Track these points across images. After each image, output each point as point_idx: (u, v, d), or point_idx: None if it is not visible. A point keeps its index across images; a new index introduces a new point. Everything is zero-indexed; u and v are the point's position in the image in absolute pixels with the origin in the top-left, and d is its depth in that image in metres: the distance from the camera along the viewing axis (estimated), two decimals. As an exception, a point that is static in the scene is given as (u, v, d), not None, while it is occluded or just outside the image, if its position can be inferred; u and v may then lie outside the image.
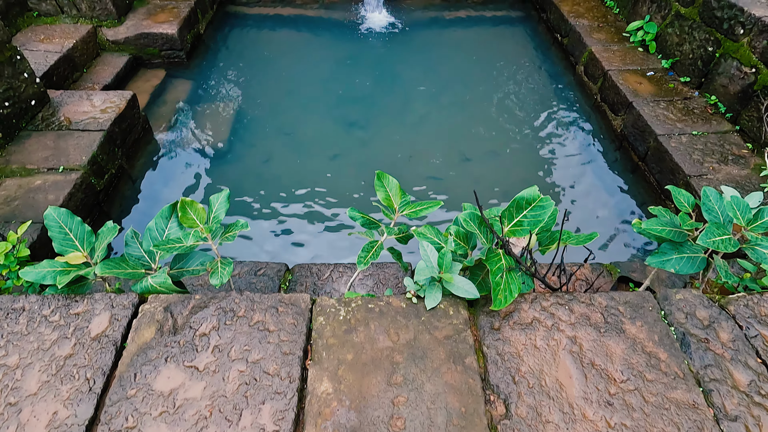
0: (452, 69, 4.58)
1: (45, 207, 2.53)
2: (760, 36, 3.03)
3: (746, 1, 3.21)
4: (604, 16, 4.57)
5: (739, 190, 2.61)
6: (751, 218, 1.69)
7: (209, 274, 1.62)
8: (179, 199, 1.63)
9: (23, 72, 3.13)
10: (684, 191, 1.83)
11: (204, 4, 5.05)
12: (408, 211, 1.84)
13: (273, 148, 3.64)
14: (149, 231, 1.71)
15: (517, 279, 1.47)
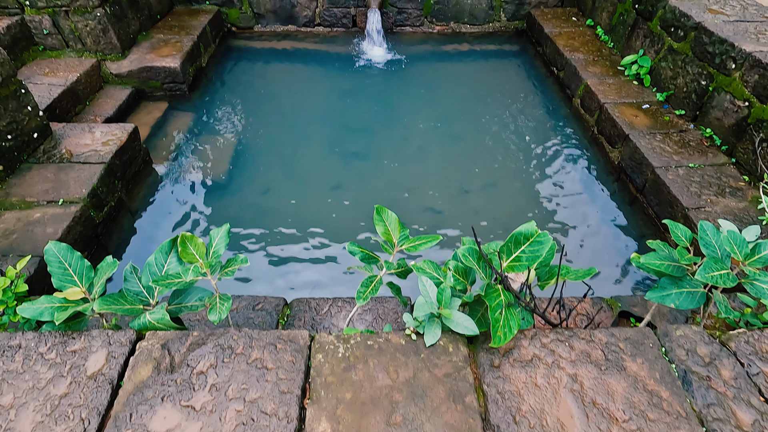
0: (451, 101, 4.71)
1: (43, 240, 2.57)
2: (752, 70, 3.14)
3: (737, 37, 3.35)
4: (599, 50, 4.74)
5: (737, 223, 2.66)
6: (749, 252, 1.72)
7: (208, 310, 1.64)
8: (179, 234, 1.67)
9: (27, 105, 3.22)
10: (681, 225, 1.87)
11: (206, 38, 5.24)
12: (407, 245, 1.87)
13: (272, 179, 3.71)
14: (149, 266, 1.73)
15: (516, 315, 1.49)
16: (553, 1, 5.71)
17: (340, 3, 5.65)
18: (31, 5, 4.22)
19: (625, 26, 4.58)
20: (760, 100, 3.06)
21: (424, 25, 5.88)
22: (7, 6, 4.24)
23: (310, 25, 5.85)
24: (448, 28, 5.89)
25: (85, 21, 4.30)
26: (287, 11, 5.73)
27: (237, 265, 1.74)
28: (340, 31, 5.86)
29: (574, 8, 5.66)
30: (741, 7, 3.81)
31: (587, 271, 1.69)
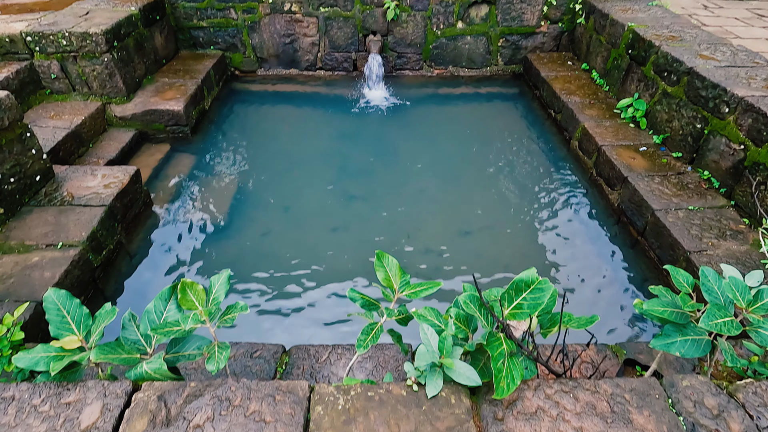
0: (450, 143, 4.84)
1: (40, 285, 2.59)
2: (745, 114, 3.25)
3: (728, 82, 3.49)
4: (595, 93, 4.91)
5: (739, 267, 2.68)
6: (751, 299, 1.74)
7: (206, 359, 1.64)
8: (180, 281, 1.69)
9: (31, 149, 3.31)
10: (682, 271, 1.89)
11: (210, 82, 5.43)
12: (408, 291, 1.89)
13: (273, 221, 3.76)
14: (147, 313, 1.75)
15: (519, 365, 1.49)
16: (549, 46, 5.96)
17: (341, 48, 5.90)
18: (41, 51, 4.41)
19: (620, 70, 4.76)
20: (755, 143, 3.15)
21: (423, 69, 6.11)
22: (17, 52, 4.43)
23: (312, 68, 6.09)
24: (447, 71, 6.12)
25: (93, 66, 4.48)
26: (290, 55, 5.97)
27: (236, 313, 1.75)
28: (341, 74, 6.08)
29: (569, 53, 5.91)
30: (731, 53, 3.98)
31: (589, 319, 1.70)
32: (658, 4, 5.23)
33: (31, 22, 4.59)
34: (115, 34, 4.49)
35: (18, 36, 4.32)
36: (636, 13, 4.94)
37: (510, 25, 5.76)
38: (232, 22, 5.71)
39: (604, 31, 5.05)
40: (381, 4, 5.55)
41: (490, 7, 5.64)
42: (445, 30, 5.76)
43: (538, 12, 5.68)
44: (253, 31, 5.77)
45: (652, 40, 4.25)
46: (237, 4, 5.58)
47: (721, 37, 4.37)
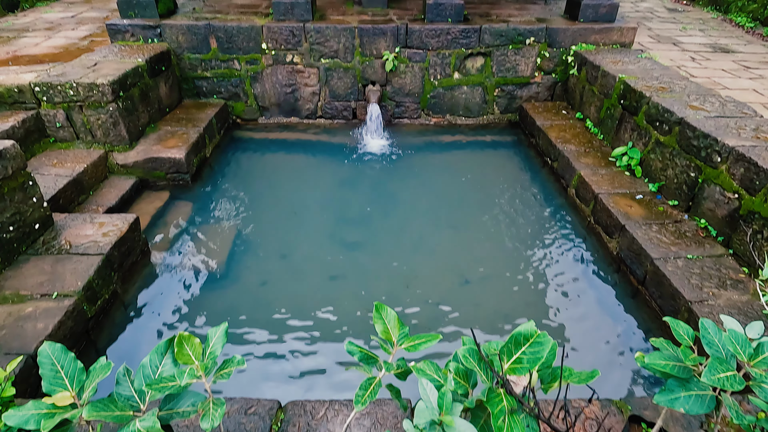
0: (448, 191, 4.94)
1: (33, 336, 2.58)
2: (737, 164, 3.36)
3: (719, 132, 3.62)
4: (590, 142, 5.08)
5: (741, 318, 2.70)
6: (752, 353, 1.74)
7: (200, 417, 1.62)
8: (177, 334, 1.70)
9: (33, 197, 3.38)
10: (682, 323, 1.91)
11: (212, 130, 5.61)
12: (407, 344, 1.89)
13: (270, 270, 3.78)
14: (143, 368, 1.74)
15: (520, 422, 1.48)
16: (543, 96, 6.21)
17: (341, 97, 6.14)
18: (48, 101, 4.58)
19: (613, 119, 4.95)
20: (749, 192, 3.24)
21: (421, 118, 6.33)
22: (25, 101, 4.60)
23: (312, 117, 6.30)
24: (445, 120, 6.34)
25: (98, 115, 4.64)
26: (291, 104, 6.20)
27: (233, 367, 1.75)
28: (341, 122, 6.29)
29: (563, 102, 6.14)
30: (720, 104, 4.15)
31: (590, 373, 1.70)
32: (647, 56, 5.49)
33: (41, 73, 4.79)
34: (121, 84, 4.68)
35: (27, 86, 4.50)
36: (626, 65, 5.18)
37: (505, 75, 6.02)
38: (235, 72, 5.96)
39: (596, 82, 5.28)
40: (380, 56, 5.82)
41: (485, 59, 5.91)
42: (442, 80, 6.02)
43: (531, 63, 5.95)
44: (256, 81, 6.02)
45: (642, 91, 4.44)
46: (241, 56, 5.85)
47: (710, 88, 4.57)
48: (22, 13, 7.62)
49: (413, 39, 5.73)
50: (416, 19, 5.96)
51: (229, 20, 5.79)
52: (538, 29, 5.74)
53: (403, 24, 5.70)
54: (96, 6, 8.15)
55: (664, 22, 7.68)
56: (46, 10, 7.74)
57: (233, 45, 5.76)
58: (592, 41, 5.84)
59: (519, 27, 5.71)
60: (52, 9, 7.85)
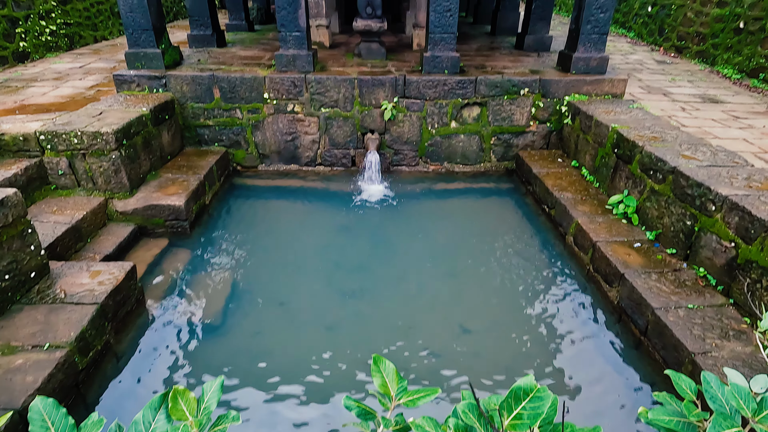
0: (447, 239, 5.00)
1: (21, 390, 2.54)
2: (731, 213, 3.43)
3: (712, 181, 3.71)
4: (586, 189, 5.19)
5: (746, 370, 2.68)
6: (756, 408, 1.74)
7: (192, 477, 1.59)
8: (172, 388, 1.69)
9: (31, 245, 3.42)
10: (684, 376, 1.90)
11: (212, 177, 5.73)
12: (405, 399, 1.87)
13: (267, 319, 3.77)
14: (135, 424, 1.71)
15: (521, 483, 1.45)
16: (539, 144, 6.39)
17: (340, 145, 6.31)
18: (51, 149, 4.71)
19: (608, 168, 5.08)
20: (745, 241, 3.30)
21: (419, 165, 6.49)
22: (29, 149, 4.72)
23: (312, 164, 6.45)
24: (442, 167, 6.49)
25: (100, 162, 4.75)
26: (291, 152, 6.36)
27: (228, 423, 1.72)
28: (340, 170, 6.44)
29: (558, 150, 6.32)
30: (711, 153, 4.28)
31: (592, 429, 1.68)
32: (638, 107, 5.71)
33: (47, 122, 4.94)
34: (125, 133, 4.83)
35: (32, 135, 4.64)
36: (618, 115, 5.38)
37: (501, 124, 6.23)
38: (237, 121, 6.16)
39: (590, 131, 5.46)
40: (379, 105, 6.04)
41: (481, 109, 6.14)
42: (439, 129, 6.21)
43: (526, 113, 6.18)
44: (257, 130, 6.21)
45: (635, 141, 4.58)
46: (243, 105, 6.07)
47: (701, 138, 4.72)
48: (32, 63, 7.94)
49: (411, 89, 5.97)
50: (414, 70, 6.23)
51: (232, 71, 6.04)
52: (532, 80, 5.99)
53: (401, 75, 5.95)
54: (104, 57, 8.51)
55: (654, 74, 8.02)
56: (56, 61, 8.07)
57: (236, 95, 5.99)
58: (584, 92, 6.09)
59: (513, 78, 5.97)
60: (61, 60, 8.19)
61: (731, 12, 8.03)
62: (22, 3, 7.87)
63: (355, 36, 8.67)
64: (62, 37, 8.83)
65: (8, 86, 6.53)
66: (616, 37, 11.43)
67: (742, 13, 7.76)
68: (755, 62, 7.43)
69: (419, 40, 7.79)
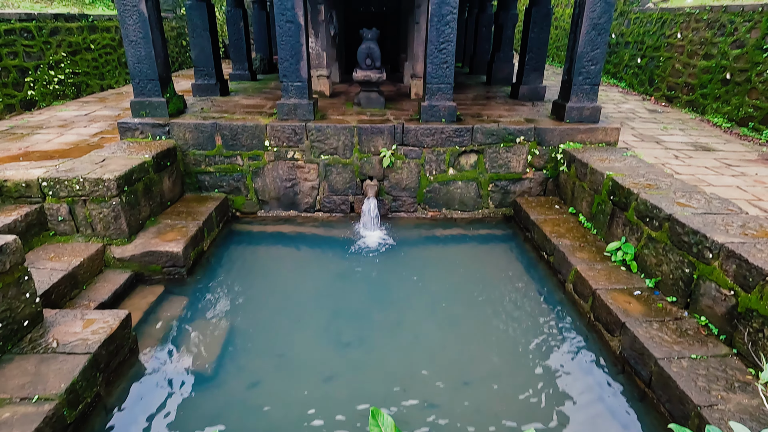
0: (446, 286, 4.99)
1: (7, 446, 2.47)
2: (728, 260, 3.46)
3: (707, 228, 3.76)
4: (584, 236, 5.23)
5: (753, 424, 2.62)
6: (764, 467, 1.71)
7: None
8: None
9: (26, 292, 3.40)
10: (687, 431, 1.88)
11: (211, 223, 5.78)
12: (403, 458, 1.84)
13: (263, 370, 3.70)
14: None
15: None
16: (536, 191, 6.50)
17: (339, 191, 6.41)
18: (53, 195, 4.77)
19: (605, 215, 5.15)
20: (744, 289, 3.30)
21: (417, 211, 6.56)
22: (30, 196, 4.79)
23: (311, 210, 6.53)
24: (441, 214, 6.57)
25: (100, 209, 4.81)
26: (290, 198, 6.45)
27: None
28: (339, 216, 6.50)
29: (555, 197, 6.42)
30: (705, 201, 4.35)
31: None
32: (632, 154, 5.85)
33: (50, 169, 5.03)
34: (126, 179, 4.91)
35: (34, 181, 4.71)
36: (613, 163, 5.50)
37: (498, 171, 6.36)
38: (237, 167, 6.28)
39: (585, 178, 5.58)
40: (378, 152, 6.19)
41: (478, 156, 6.28)
42: (437, 176, 6.34)
43: (523, 160, 6.32)
44: (257, 176, 6.32)
45: (630, 188, 4.67)
46: (244, 152, 6.21)
47: (694, 185, 4.82)
48: (38, 111, 8.18)
49: (409, 137, 6.14)
50: (412, 119, 6.43)
51: (235, 119, 6.23)
52: (527, 129, 6.17)
53: (400, 123, 6.14)
54: (109, 105, 8.77)
55: (646, 122, 8.27)
56: (62, 109, 8.32)
57: (237, 142, 6.14)
58: (578, 140, 6.26)
59: (509, 127, 6.15)
60: (67, 107, 8.44)
61: (717, 64, 8.39)
62: (32, 53, 8.20)
63: (355, 85, 8.98)
64: (69, 85, 9.14)
65: (14, 133, 6.69)
66: (608, 87, 11.86)
67: (728, 65, 8.11)
68: (744, 111, 7.69)
69: (417, 89, 8.08)
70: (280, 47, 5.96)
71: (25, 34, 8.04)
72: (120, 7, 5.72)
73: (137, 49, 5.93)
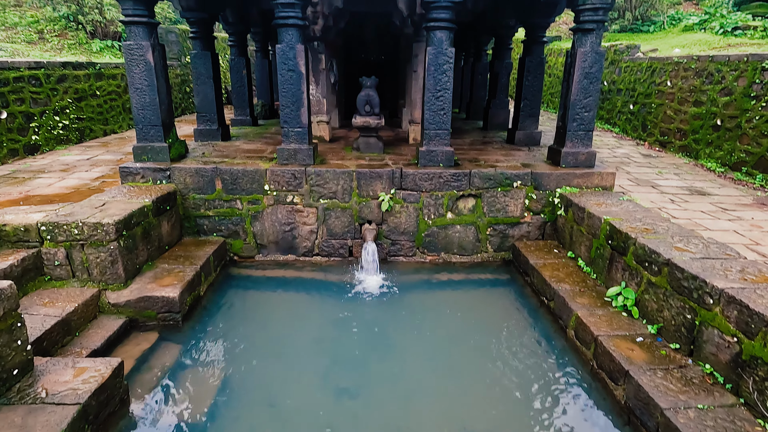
0: (446, 333, 4.93)
1: (-12, 504, 2.37)
2: (729, 306, 3.45)
3: (706, 273, 3.76)
4: (584, 281, 5.23)
5: (766, 480, 2.54)
6: None
7: None
8: None
9: (18, 340, 3.36)
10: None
11: (209, 268, 5.77)
12: None
13: (258, 422, 3.60)
14: None
15: None
16: (534, 235, 6.54)
17: (338, 235, 6.44)
18: (51, 239, 4.78)
19: (603, 259, 5.17)
20: (747, 335, 3.28)
21: (416, 256, 6.58)
22: (28, 240, 4.80)
23: (309, 254, 6.54)
24: (439, 258, 6.58)
25: (98, 253, 4.81)
26: (288, 242, 6.47)
27: None
28: (337, 260, 6.51)
29: (554, 241, 6.45)
30: (703, 245, 4.38)
31: None
32: (628, 199, 5.94)
33: (49, 213, 5.07)
34: (125, 224, 4.94)
35: (33, 226, 4.74)
36: (610, 207, 5.57)
37: (496, 215, 6.42)
38: (237, 211, 6.35)
39: (583, 222, 5.63)
40: (376, 196, 6.27)
41: (476, 200, 6.37)
42: (436, 220, 6.39)
43: (520, 204, 6.40)
44: (256, 220, 6.37)
45: (628, 233, 4.71)
46: (243, 197, 6.29)
47: (691, 230, 4.86)
48: (41, 155, 8.33)
49: (407, 181, 6.24)
50: (410, 163, 6.56)
51: (235, 164, 6.35)
52: (524, 174, 6.29)
53: (398, 168, 6.25)
54: (111, 149, 8.95)
55: (641, 167, 8.44)
56: (64, 153, 8.48)
57: (237, 186, 6.23)
58: (575, 185, 6.37)
59: (506, 172, 6.27)
60: (69, 152, 8.61)
61: (707, 110, 8.66)
62: (39, 100, 8.44)
63: (354, 130, 9.20)
64: (73, 130, 9.35)
65: (15, 177, 6.79)
66: (602, 132, 12.17)
67: (718, 111, 8.37)
68: (736, 156, 7.87)
69: (415, 134, 8.28)
70: (282, 94, 6.17)
71: (33, 82, 8.31)
72: (128, 56, 5.96)
73: (142, 96, 6.12)
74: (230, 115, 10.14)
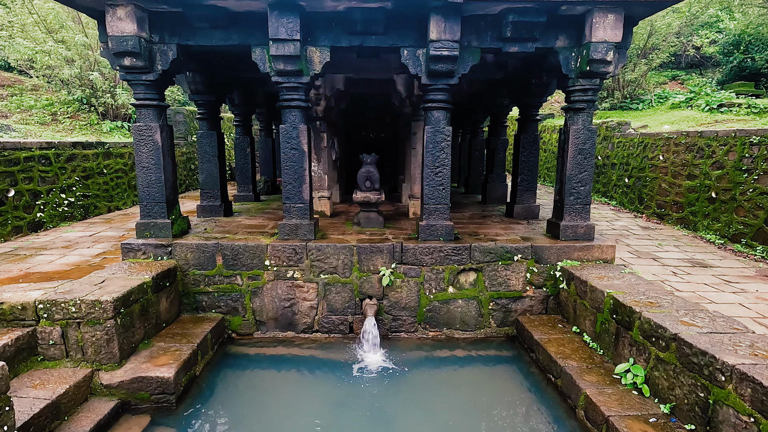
0: (450, 415, 4.77)
1: None
2: (742, 384, 3.40)
3: (715, 349, 3.74)
4: (590, 357, 5.15)
5: None
6: None
7: None
8: None
9: (4, 425, 3.28)
10: None
11: (206, 346, 5.70)
12: None
13: None
14: None
15: None
16: (537, 309, 6.52)
17: (338, 311, 6.42)
18: (48, 317, 4.78)
19: (609, 334, 5.12)
20: (764, 415, 3.20)
21: (418, 331, 6.51)
22: (24, 318, 4.80)
23: (309, 331, 6.47)
24: (442, 334, 6.51)
25: (93, 332, 4.79)
26: (288, 318, 6.44)
27: None
28: (337, 337, 6.43)
29: (558, 315, 6.42)
30: (709, 319, 4.38)
31: None
32: (630, 271, 5.99)
33: (48, 291, 5.11)
34: (124, 301, 4.96)
35: (31, 304, 4.76)
36: (612, 280, 5.62)
37: (498, 289, 6.44)
38: (236, 287, 6.38)
39: (586, 296, 5.65)
40: (377, 271, 6.33)
41: (477, 274, 6.42)
42: (437, 294, 6.41)
43: (522, 278, 6.45)
44: (255, 296, 6.38)
45: (632, 307, 4.72)
46: (244, 272, 6.35)
47: (696, 303, 4.88)
48: (44, 232, 8.50)
49: (408, 256, 6.33)
50: (411, 238, 6.69)
51: (236, 239, 6.48)
52: (524, 247, 6.40)
53: (399, 242, 6.38)
54: (114, 225, 9.14)
55: (641, 239, 8.57)
56: (67, 230, 8.65)
57: (238, 262, 6.32)
58: (575, 258, 6.46)
59: (506, 245, 6.39)
60: (73, 229, 8.78)
61: (701, 183, 8.96)
62: (47, 178, 8.76)
63: (355, 205, 9.46)
64: (78, 207, 9.61)
65: (17, 254, 6.90)
66: (600, 205, 12.46)
67: (712, 184, 8.66)
68: (734, 228, 8.03)
69: (415, 209, 8.51)
70: (285, 171, 6.44)
71: (43, 161, 8.68)
72: (136, 136, 6.30)
73: (148, 174, 6.39)
74: (233, 191, 10.46)
